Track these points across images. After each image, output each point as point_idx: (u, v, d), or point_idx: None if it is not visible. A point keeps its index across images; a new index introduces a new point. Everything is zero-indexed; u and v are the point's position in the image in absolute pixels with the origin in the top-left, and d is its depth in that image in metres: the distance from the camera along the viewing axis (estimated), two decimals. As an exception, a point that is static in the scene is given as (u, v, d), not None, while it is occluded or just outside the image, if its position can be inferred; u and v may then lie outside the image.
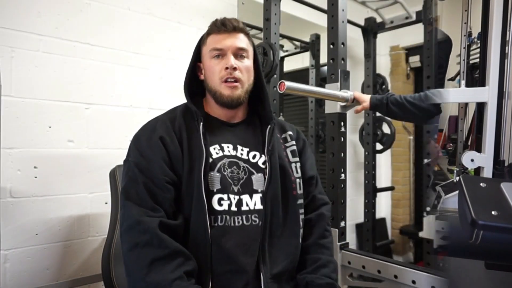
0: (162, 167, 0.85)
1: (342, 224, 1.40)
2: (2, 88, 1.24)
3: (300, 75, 2.75)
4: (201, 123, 0.91)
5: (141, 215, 0.81)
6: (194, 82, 0.99)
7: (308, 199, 1.03)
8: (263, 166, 0.93)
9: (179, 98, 1.00)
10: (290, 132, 1.05)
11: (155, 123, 0.93)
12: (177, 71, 1.74)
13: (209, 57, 0.93)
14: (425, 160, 2.21)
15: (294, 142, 1.03)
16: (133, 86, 1.60)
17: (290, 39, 2.57)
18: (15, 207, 1.30)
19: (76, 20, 1.44)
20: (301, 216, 0.96)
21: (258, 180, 0.92)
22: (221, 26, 0.91)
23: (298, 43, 2.63)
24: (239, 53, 0.92)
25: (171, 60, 1.73)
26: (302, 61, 2.71)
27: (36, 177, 1.34)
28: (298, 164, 1.01)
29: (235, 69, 0.90)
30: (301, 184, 0.99)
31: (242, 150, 0.95)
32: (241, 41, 0.93)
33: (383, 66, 3.11)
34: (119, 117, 1.56)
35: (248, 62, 0.94)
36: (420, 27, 2.32)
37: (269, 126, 0.96)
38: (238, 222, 0.88)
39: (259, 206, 0.90)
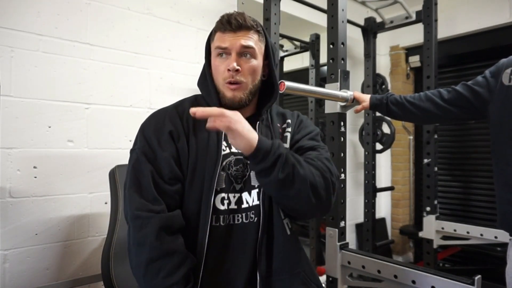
0: (170, 163, 0.84)
1: (342, 224, 1.40)
2: (2, 88, 1.24)
3: (300, 75, 2.75)
4: None
5: (139, 209, 0.80)
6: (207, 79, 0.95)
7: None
8: None
9: (180, 98, 1.00)
10: (289, 120, 1.00)
11: (164, 115, 0.90)
12: (177, 71, 1.74)
13: (215, 55, 0.90)
14: (425, 160, 2.21)
15: (290, 129, 0.98)
16: (133, 86, 1.60)
17: (290, 39, 2.57)
18: (14, 207, 1.29)
19: (76, 20, 1.44)
20: None
21: (255, 176, 0.90)
22: (226, 24, 0.87)
23: (298, 43, 2.63)
24: (244, 52, 0.88)
25: (171, 60, 1.73)
26: (302, 61, 2.71)
27: (35, 177, 1.34)
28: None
29: (237, 71, 0.86)
30: None
31: None
32: (248, 39, 0.87)
33: (383, 66, 3.11)
34: (119, 117, 1.56)
35: (255, 62, 0.89)
36: (420, 27, 2.32)
37: (258, 122, 0.94)
38: (238, 220, 0.87)
39: (256, 202, 0.89)
